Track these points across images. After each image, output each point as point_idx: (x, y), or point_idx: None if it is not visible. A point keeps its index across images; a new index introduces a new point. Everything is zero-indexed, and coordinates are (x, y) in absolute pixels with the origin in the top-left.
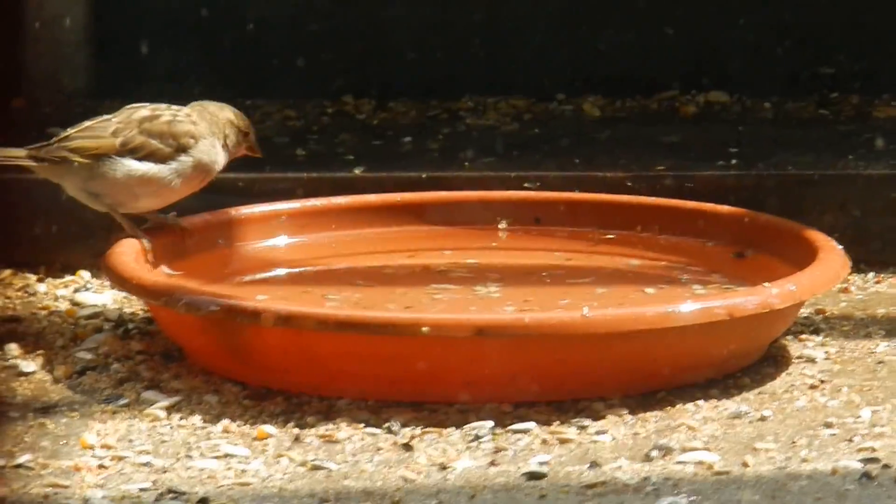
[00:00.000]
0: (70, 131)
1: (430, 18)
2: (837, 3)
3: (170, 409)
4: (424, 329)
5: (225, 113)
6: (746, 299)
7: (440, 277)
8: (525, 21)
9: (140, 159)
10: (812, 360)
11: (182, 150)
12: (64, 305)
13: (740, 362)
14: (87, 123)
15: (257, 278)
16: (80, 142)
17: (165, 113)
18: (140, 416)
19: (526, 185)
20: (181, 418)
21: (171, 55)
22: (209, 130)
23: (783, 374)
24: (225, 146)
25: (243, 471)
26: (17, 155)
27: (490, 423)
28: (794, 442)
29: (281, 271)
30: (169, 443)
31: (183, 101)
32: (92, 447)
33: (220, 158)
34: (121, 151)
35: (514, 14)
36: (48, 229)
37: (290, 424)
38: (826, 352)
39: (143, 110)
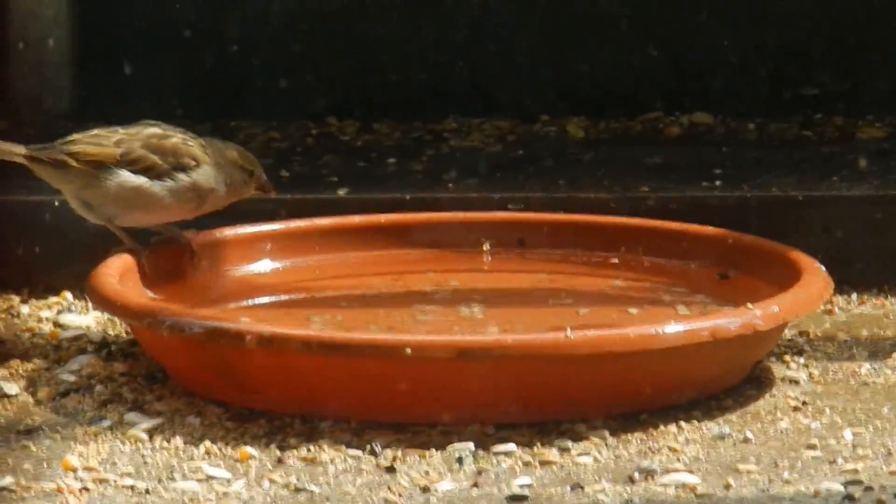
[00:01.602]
0: (75, 135)
1: (414, 40)
2: (820, 24)
3: (152, 431)
4: (407, 351)
5: (229, 151)
6: (730, 321)
7: (423, 299)
8: (509, 42)
9: (136, 172)
10: (795, 382)
11: (181, 169)
12: (47, 327)
13: (723, 384)
14: (95, 131)
15: (241, 302)
16: (82, 146)
17: (176, 136)
18: (123, 438)
19: (510, 206)
20: (164, 440)
21: (153, 76)
22: (214, 161)
23: (766, 396)
24: (229, 184)
25: (225, 493)
26: (17, 152)
27: (472, 445)
28: (776, 464)
29: (264, 293)
30: (151, 465)
31: (165, 122)
32: (75, 469)
33: (220, 189)
34: (120, 162)
35: (498, 35)
36: (31, 250)
37: (273, 446)
38: (809, 373)
39: (155, 128)
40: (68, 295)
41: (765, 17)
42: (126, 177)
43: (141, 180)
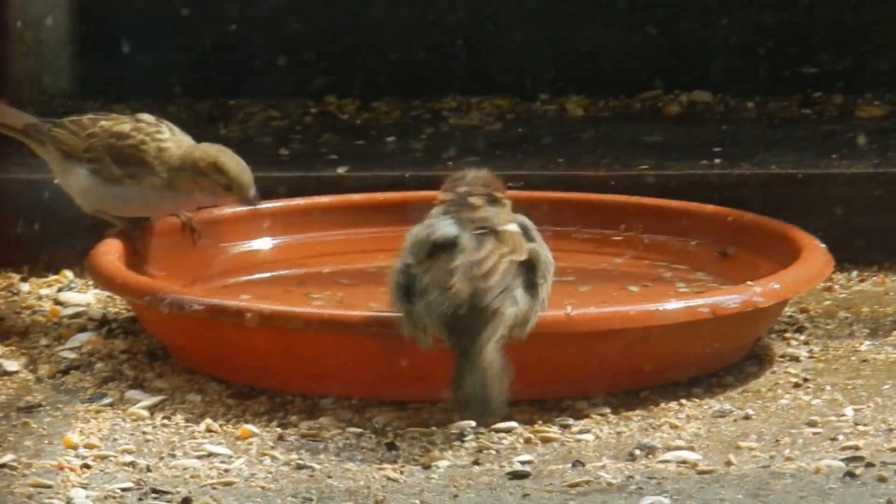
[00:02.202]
0: (74, 117)
1: (413, 18)
2: (820, 3)
3: (153, 409)
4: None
5: (205, 161)
6: (730, 298)
7: None
8: (508, 21)
9: (93, 171)
10: (796, 359)
11: (130, 177)
12: (47, 305)
13: (724, 361)
14: (88, 115)
15: (241, 278)
16: (61, 132)
17: (143, 136)
18: (124, 416)
19: (509, 184)
20: (164, 417)
21: (152, 55)
22: (170, 169)
23: (767, 373)
24: (194, 191)
25: (226, 470)
26: (15, 124)
27: (473, 423)
28: (777, 440)
29: (264, 270)
30: (152, 442)
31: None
32: (75, 446)
33: (177, 197)
34: (81, 157)
35: (497, 14)
36: (31, 228)
37: (274, 424)
38: (810, 350)
39: (126, 125)
40: (68, 273)
41: None
42: (82, 174)
43: (92, 181)
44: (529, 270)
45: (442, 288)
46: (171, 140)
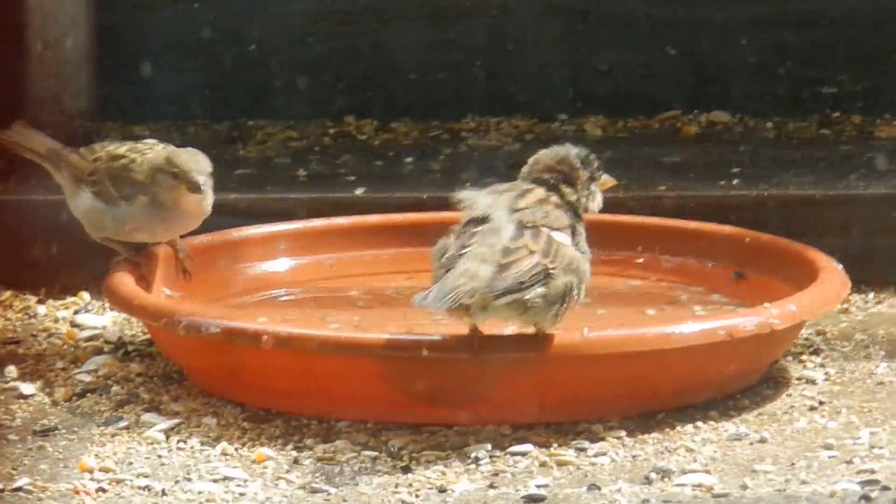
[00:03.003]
0: (94, 145)
1: (432, 39)
2: (839, 24)
3: (169, 432)
4: (424, 351)
5: (164, 156)
6: (747, 320)
7: None
8: (527, 41)
9: (95, 193)
10: (812, 382)
11: (125, 198)
12: (64, 327)
13: (740, 383)
14: (104, 143)
15: (258, 300)
16: (74, 157)
17: (134, 155)
18: (139, 439)
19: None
20: (180, 441)
21: (172, 76)
22: (147, 181)
23: (783, 396)
24: (160, 191)
25: (242, 494)
26: (38, 150)
27: (489, 446)
28: (793, 464)
29: (282, 293)
30: (168, 465)
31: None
32: (91, 470)
33: (164, 214)
34: (87, 181)
35: (516, 35)
36: (48, 251)
37: (290, 447)
38: (826, 373)
39: (124, 147)
40: (85, 295)
41: (783, 16)
42: (86, 198)
43: (94, 204)
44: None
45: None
46: (155, 152)
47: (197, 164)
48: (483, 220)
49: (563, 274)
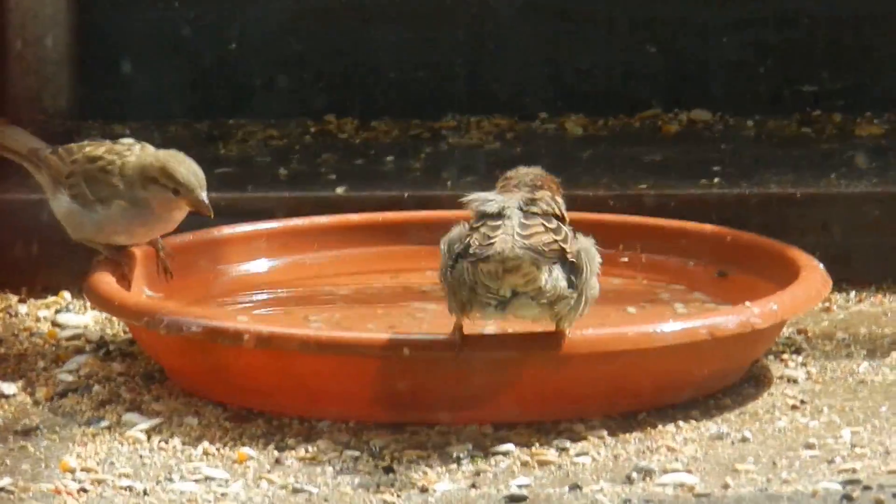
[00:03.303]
0: (72, 144)
1: (413, 38)
2: (819, 22)
3: (151, 432)
4: (405, 350)
5: (153, 167)
6: (728, 319)
7: (422, 297)
8: (507, 40)
9: (72, 196)
10: (794, 381)
11: (101, 201)
12: (45, 327)
13: (722, 382)
14: (84, 142)
15: (239, 299)
16: (54, 158)
17: (112, 157)
18: (121, 439)
19: None
20: (162, 441)
21: (152, 75)
22: (128, 184)
23: (764, 395)
24: (150, 202)
25: (223, 494)
26: (19, 150)
27: (470, 445)
28: (774, 463)
29: (262, 291)
30: (150, 465)
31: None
32: (73, 470)
33: (144, 218)
34: (64, 183)
35: (497, 33)
36: (29, 250)
37: (271, 447)
38: (807, 372)
39: (101, 149)
40: (66, 294)
41: (763, 15)
42: (64, 200)
43: (72, 207)
44: (572, 272)
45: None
46: (135, 155)
47: (196, 176)
48: (499, 215)
49: (578, 258)
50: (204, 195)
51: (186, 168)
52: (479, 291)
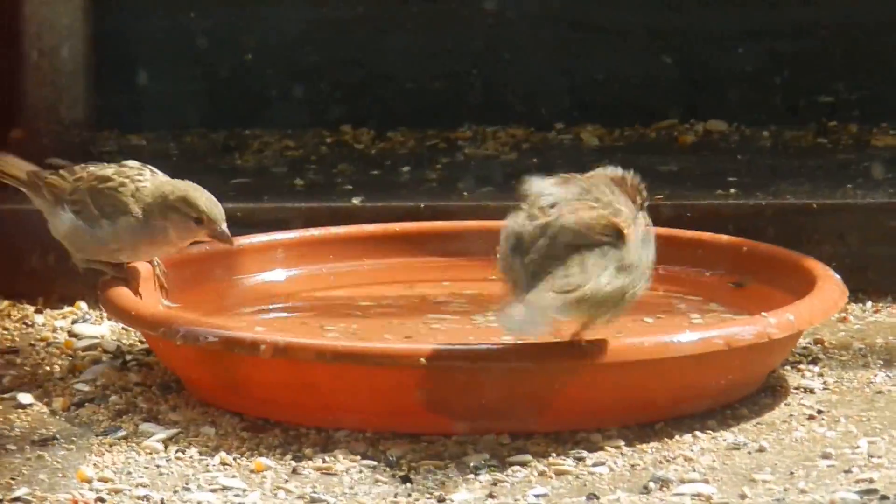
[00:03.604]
0: (75, 167)
1: (429, 48)
2: (836, 32)
3: (167, 442)
4: (422, 360)
5: (175, 196)
6: (744, 329)
7: (438, 308)
8: (523, 50)
9: (75, 213)
10: (810, 391)
11: (107, 217)
12: (62, 337)
13: (738, 393)
14: (85, 165)
15: (256, 309)
16: (55, 178)
17: (123, 179)
18: (138, 449)
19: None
20: (179, 451)
21: (168, 85)
22: (145, 209)
23: (781, 405)
24: (167, 227)
25: (241, 503)
26: (18, 176)
27: (487, 455)
28: (791, 473)
29: (279, 302)
30: (167, 475)
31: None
32: (90, 480)
33: (153, 237)
34: (67, 201)
35: (513, 44)
36: (46, 260)
37: (288, 457)
38: (824, 382)
39: (110, 170)
40: (83, 304)
41: (779, 25)
42: (66, 217)
43: (75, 224)
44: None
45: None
46: (149, 181)
47: (219, 210)
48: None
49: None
50: (225, 226)
51: (208, 198)
52: None
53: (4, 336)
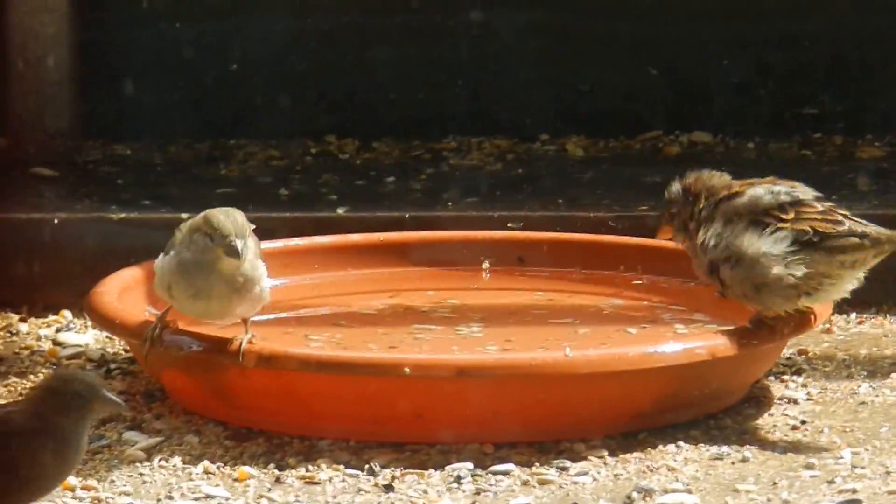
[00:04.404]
0: None
1: (414, 59)
2: (820, 44)
3: (151, 450)
4: (406, 370)
5: (202, 215)
6: (728, 339)
7: (423, 317)
8: (508, 61)
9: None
10: (794, 401)
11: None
12: (46, 345)
13: (722, 403)
14: None
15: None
16: None
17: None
18: (121, 457)
19: (509, 225)
20: (162, 459)
21: (154, 95)
22: (181, 238)
23: (765, 415)
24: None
25: None
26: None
27: (471, 465)
28: (775, 483)
29: (263, 311)
30: (150, 484)
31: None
32: (73, 488)
33: (191, 274)
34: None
35: (498, 54)
36: (31, 269)
37: (271, 465)
38: (808, 392)
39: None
40: (67, 313)
41: (764, 37)
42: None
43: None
44: None
45: None
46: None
47: (235, 224)
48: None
49: None
50: (235, 240)
51: (226, 216)
52: None
53: None
